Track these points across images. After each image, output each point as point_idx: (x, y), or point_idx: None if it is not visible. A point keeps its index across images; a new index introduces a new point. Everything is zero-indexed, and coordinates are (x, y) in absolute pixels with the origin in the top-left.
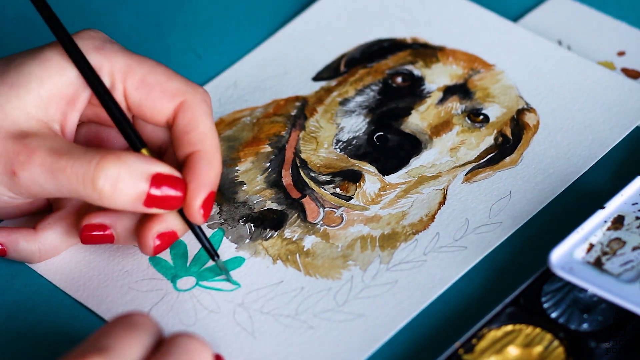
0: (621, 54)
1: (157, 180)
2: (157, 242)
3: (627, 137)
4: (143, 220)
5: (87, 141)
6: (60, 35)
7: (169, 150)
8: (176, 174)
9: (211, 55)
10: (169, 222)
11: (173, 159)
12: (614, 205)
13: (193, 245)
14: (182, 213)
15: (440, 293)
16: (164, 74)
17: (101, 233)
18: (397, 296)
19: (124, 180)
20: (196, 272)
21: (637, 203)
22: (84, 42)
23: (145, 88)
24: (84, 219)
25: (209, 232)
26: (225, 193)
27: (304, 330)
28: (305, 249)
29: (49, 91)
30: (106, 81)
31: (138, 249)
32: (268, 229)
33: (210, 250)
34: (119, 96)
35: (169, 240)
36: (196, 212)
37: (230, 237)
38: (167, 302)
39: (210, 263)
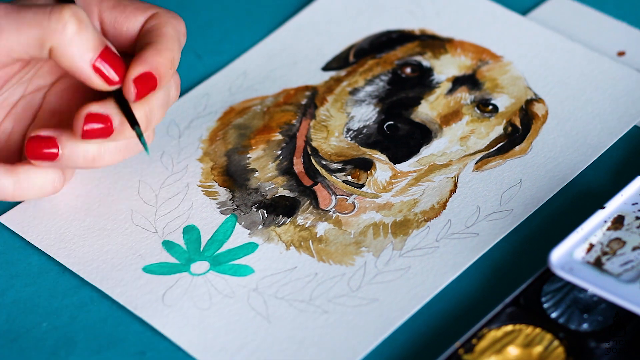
0: (621, 54)
1: (104, 54)
2: (87, 127)
3: (627, 137)
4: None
5: (58, 104)
6: None
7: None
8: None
9: (211, 55)
10: (101, 106)
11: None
12: (614, 205)
13: (206, 231)
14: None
15: (455, 278)
16: None
17: (48, 151)
18: (411, 281)
19: (87, 27)
20: (210, 257)
21: (637, 203)
22: None
23: (119, 7)
24: (31, 131)
25: (221, 219)
26: (238, 179)
27: (318, 315)
28: (318, 236)
29: None
30: (81, 6)
31: (150, 234)
32: (281, 216)
33: (131, 119)
34: (94, 20)
35: (102, 131)
36: (130, 84)
37: (243, 223)
38: (181, 286)
39: (224, 248)
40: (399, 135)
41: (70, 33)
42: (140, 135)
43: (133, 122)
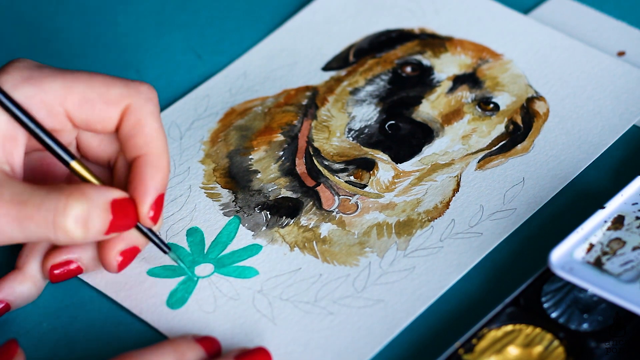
0: (621, 54)
1: (116, 206)
2: (120, 259)
3: (627, 137)
4: (102, 243)
5: (32, 170)
6: None
7: (118, 159)
8: (125, 195)
9: (211, 55)
10: (128, 238)
11: (123, 168)
12: (614, 205)
13: (210, 233)
14: None
15: (458, 279)
16: (103, 83)
17: (68, 268)
18: (416, 282)
19: (92, 218)
20: (214, 259)
21: (637, 203)
22: (10, 76)
23: (88, 104)
24: (48, 259)
25: (224, 220)
26: (240, 181)
27: (324, 316)
28: (321, 236)
29: None
30: (41, 110)
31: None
32: (284, 217)
33: (162, 246)
34: (62, 119)
35: (132, 255)
36: (145, 217)
37: (246, 225)
38: (186, 288)
39: (228, 250)
40: (401, 134)
41: (80, 239)
42: (178, 259)
43: (165, 249)
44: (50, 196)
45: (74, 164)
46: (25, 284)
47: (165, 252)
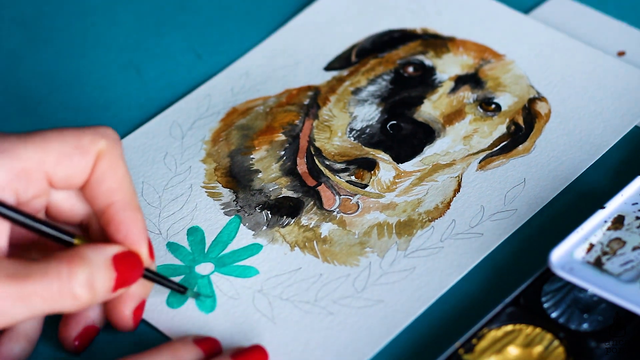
0: (621, 54)
1: (117, 261)
2: (136, 316)
3: (628, 137)
4: (112, 303)
5: (18, 240)
6: None
7: (91, 220)
8: (122, 248)
9: (211, 55)
10: (136, 293)
11: (97, 225)
12: (614, 205)
13: (210, 232)
14: None
15: (458, 279)
16: (73, 134)
17: (89, 333)
18: (416, 282)
19: (97, 279)
20: (214, 259)
21: (637, 203)
22: None
23: (66, 159)
24: (68, 332)
25: (225, 220)
26: (241, 181)
27: (324, 316)
28: (322, 236)
29: None
30: (22, 180)
31: (155, 236)
32: (285, 216)
33: (176, 288)
34: (40, 184)
35: (143, 307)
36: (147, 260)
37: (247, 225)
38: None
39: (228, 249)
40: (402, 134)
41: (88, 303)
42: (196, 295)
43: (182, 290)
44: (50, 268)
45: (77, 242)
46: (20, 342)
47: (182, 292)
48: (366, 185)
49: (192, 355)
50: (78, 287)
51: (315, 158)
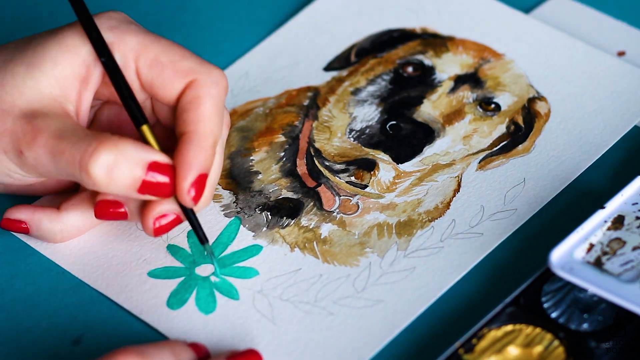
0: (621, 54)
1: (153, 168)
2: (157, 225)
3: (628, 137)
4: (146, 202)
5: (109, 121)
6: (79, 12)
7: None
8: (167, 160)
9: (211, 55)
10: (168, 205)
11: None
12: (614, 205)
13: (210, 234)
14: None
15: (458, 279)
16: (178, 53)
17: (115, 210)
18: (416, 282)
19: (119, 168)
20: (214, 260)
21: (637, 203)
22: (100, 22)
23: (158, 67)
24: (99, 195)
25: (225, 221)
26: (241, 182)
27: (324, 317)
28: (322, 237)
29: (62, 71)
30: (117, 58)
31: (155, 238)
32: (285, 217)
33: (201, 235)
34: (131, 74)
35: (172, 223)
36: (185, 195)
37: (247, 226)
38: (186, 289)
39: (229, 250)
40: (402, 135)
41: (102, 185)
42: (211, 254)
43: (203, 238)
44: (86, 138)
45: (144, 128)
46: (54, 224)
47: (202, 242)
48: (366, 186)
49: (188, 356)
50: (94, 165)
51: (315, 159)
